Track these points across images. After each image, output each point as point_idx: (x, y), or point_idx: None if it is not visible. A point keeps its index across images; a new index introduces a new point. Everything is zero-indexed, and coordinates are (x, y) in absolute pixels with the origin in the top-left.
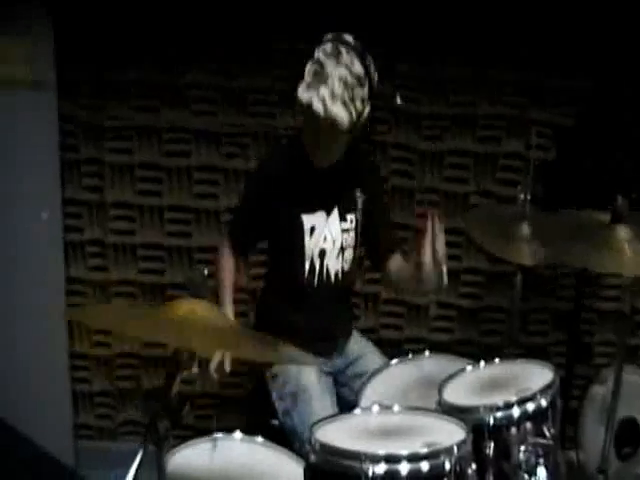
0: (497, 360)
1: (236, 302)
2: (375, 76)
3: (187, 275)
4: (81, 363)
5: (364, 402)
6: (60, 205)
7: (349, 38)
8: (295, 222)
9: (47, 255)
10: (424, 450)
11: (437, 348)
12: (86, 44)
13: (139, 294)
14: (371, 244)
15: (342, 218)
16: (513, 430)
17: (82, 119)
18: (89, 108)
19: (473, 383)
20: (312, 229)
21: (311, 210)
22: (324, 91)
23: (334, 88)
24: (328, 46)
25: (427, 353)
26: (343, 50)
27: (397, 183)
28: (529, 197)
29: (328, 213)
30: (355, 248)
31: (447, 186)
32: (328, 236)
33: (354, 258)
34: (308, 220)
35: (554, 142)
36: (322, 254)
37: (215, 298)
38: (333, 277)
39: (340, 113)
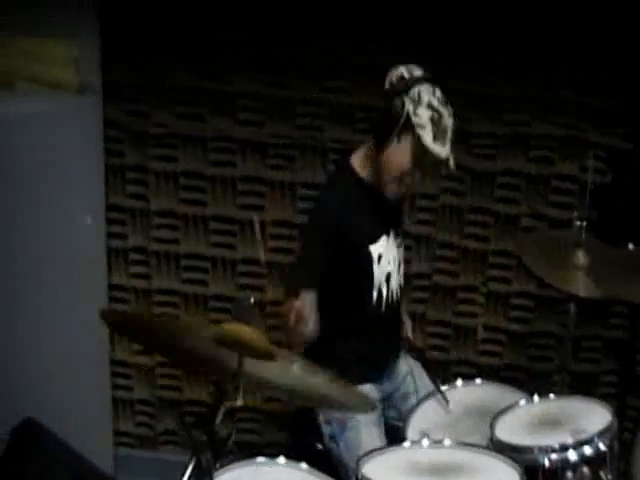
0: (551, 395)
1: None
2: None
3: (233, 303)
4: (122, 370)
5: (411, 431)
6: (104, 211)
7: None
8: (363, 254)
9: (90, 261)
10: None
11: (485, 372)
12: (133, 48)
13: (181, 304)
14: None
15: (396, 235)
16: (569, 474)
17: (127, 125)
18: (134, 114)
19: (527, 419)
20: (379, 257)
21: (376, 239)
22: (449, 146)
23: (450, 140)
24: (437, 91)
25: (478, 381)
26: (444, 97)
27: (447, 201)
28: (585, 224)
29: (388, 236)
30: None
31: (498, 207)
32: (391, 259)
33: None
34: (375, 250)
35: (610, 165)
36: (388, 278)
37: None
38: (396, 296)
39: (451, 157)
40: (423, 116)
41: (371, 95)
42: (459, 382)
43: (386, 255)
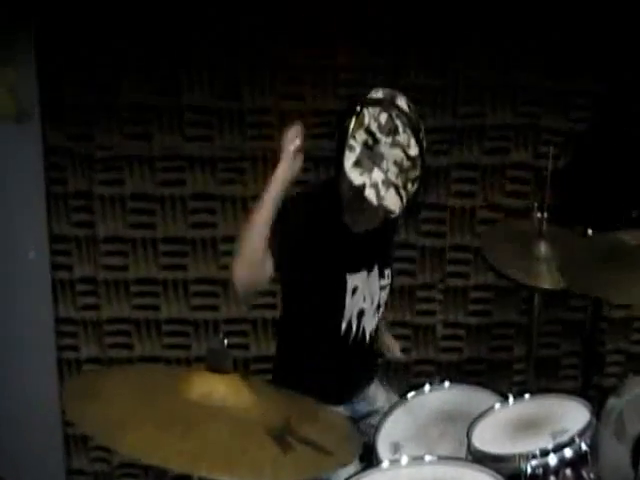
0: (527, 396)
1: (237, 333)
2: (425, 150)
3: (206, 346)
4: None
5: (382, 445)
6: (47, 242)
7: (403, 103)
8: (338, 282)
9: (35, 296)
10: None
11: (446, 368)
12: (71, 70)
13: (133, 331)
14: None
15: (381, 275)
16: (552, 479)
17: (70, 150)
18: (78, 138)
19: (504, 424)
20: (354, 289)
21: (355, 269)
22: (377, 175)
23: (388, 174)
24: (383, 117)
25: (446, 384)
26: (400, 126)
27: None
28: (545, 215)
29: (369, 271)
30: (387, 303)
31: (453, 201)
32: (367, 296)
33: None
34: (352, 280)
35: (564, 150)
36: (360, 314)
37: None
38: (368, 336)
39: (392, 201)
40: (358, 139)
41: (325, 99)
42: (427, 387)
43: (362, 290)
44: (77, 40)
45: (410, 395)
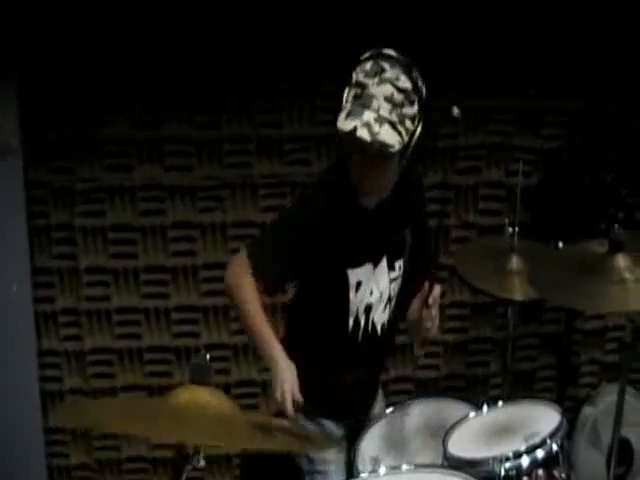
0: (500, 403)
1: (218, 359)
2: (424, 89)
3: (190, 362)
4: (57, 438)
5: (361, 460)
6: (29, 275)
7: (391, 52)
8: (339, 278)
9: (17, 329)
10: None
11: (423, 385)
12: (54, 105)
13: (116, 361)
14: (409, 280)
15: (390, 267)
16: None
17: (51, 183)
18: (59, 171)
19: (478, 431)
20: (358, 284)
21: (358, 264)
22: (368, 116)
23: (380, 111)
24: (368, 65)
25: (422, 398)
26: (386, 65)
27: None
28: (517, 229)
29: (376, 265)
30: (401, 294)
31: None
32: (375, 290)
33: (401, 304)
34: (354, 275)
35: (535, 167)
36: (368, 309)
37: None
38: (379, 330)
39: (388, 136)
40: (349, 97)
41: (302, 124)
42: (404, 403)
43: (367, 284)
44: (58, 75)
45: (387, 411)
